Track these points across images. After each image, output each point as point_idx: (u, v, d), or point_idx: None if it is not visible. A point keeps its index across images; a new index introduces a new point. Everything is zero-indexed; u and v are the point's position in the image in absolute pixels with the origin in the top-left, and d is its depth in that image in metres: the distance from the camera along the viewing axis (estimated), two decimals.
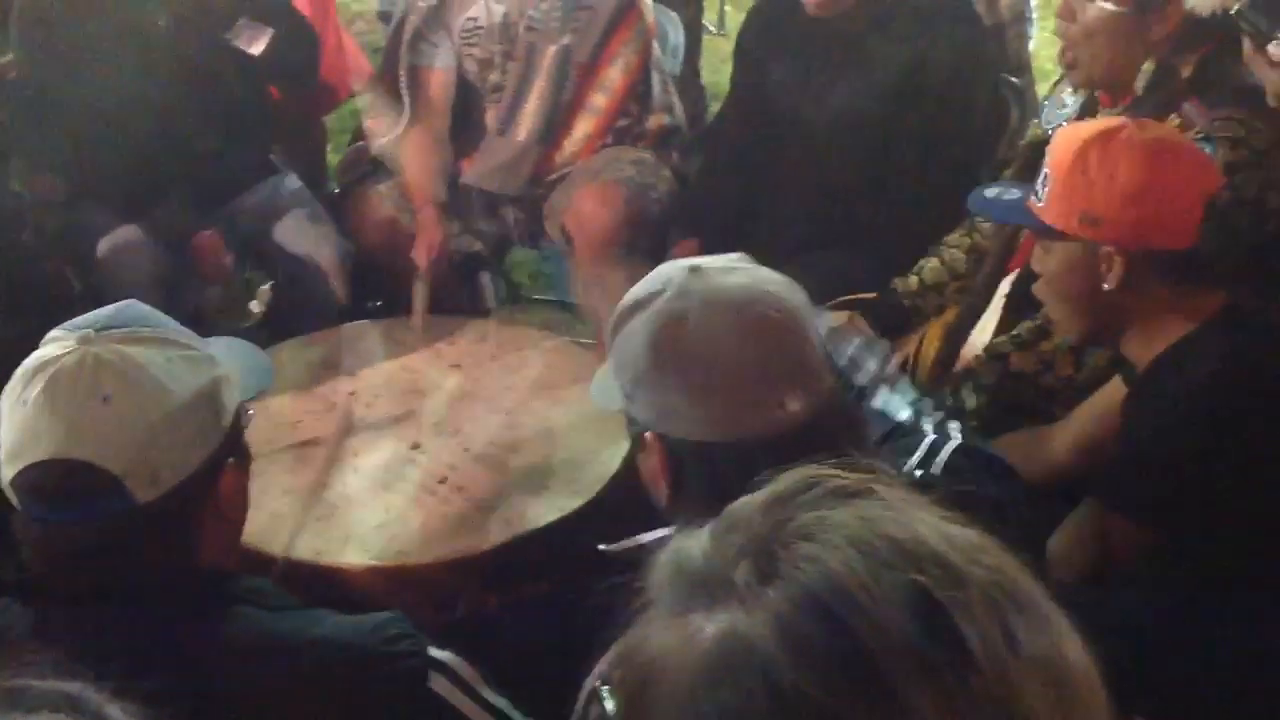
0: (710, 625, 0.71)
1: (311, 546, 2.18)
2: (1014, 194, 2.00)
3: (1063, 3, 2.33)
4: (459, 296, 3.16)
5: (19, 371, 1.33)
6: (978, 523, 0.76)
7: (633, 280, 3.08)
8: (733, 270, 1.46)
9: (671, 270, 1.47)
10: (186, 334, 1.42)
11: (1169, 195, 1.82)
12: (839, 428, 1.42)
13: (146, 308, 1.44)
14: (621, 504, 2.34)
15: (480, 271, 3.31)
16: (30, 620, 1.31)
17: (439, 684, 1.35)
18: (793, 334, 1.42)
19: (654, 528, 1.51)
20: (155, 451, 1.31)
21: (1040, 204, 1.89)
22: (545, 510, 2.25)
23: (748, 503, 0.77)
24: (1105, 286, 1.83)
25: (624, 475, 2.33)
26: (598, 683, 1.32)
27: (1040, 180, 1.90)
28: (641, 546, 1.49)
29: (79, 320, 1.39)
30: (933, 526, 0.73)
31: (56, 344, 1.34)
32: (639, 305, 1.46)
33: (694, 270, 1.45)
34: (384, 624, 1.36)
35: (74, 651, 0.85)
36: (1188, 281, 1.86)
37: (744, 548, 0.73)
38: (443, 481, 2.34)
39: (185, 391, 1.34)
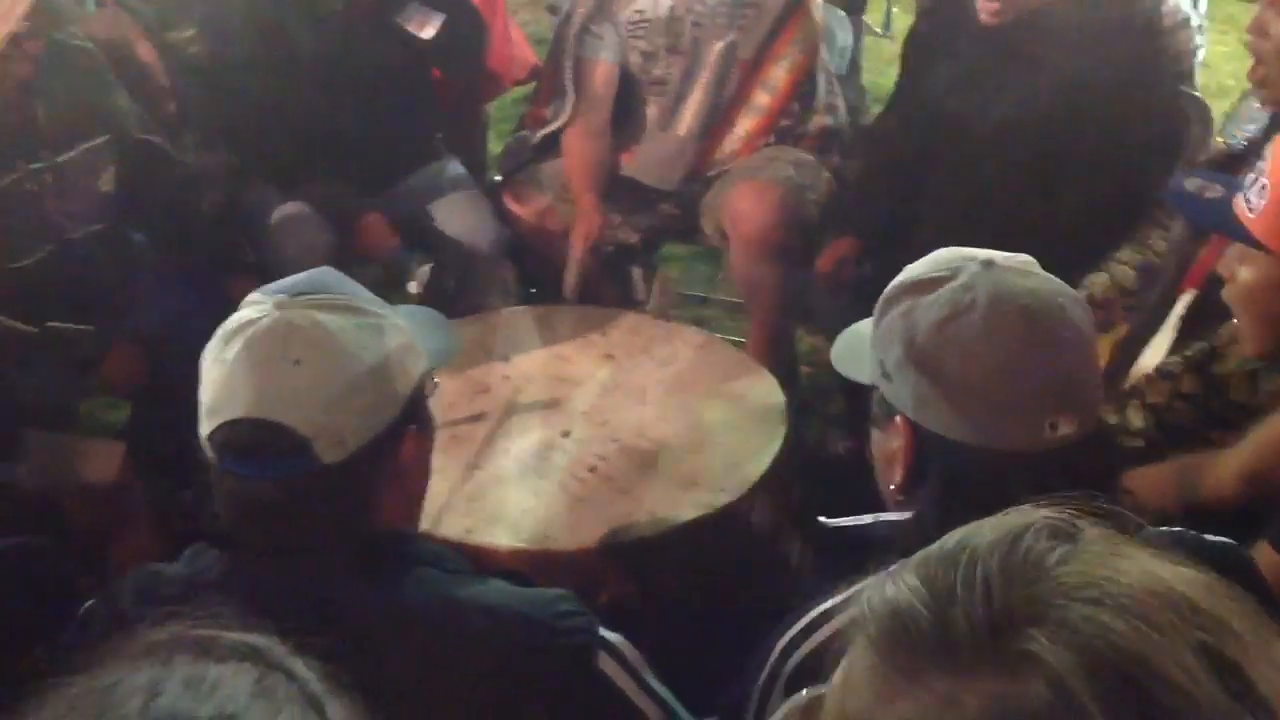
0: (971, 697, 0.67)
1: (461, 524, 2.21)
2: (1217, 190, 1.82)
3: (1255, 18, 2.25)
4: (610, 289, 3.18)
5: (219, 331, 1.38)
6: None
7: (787, 280, 3.07)
8: (1028, 274, 1.38)
9: (960, 257, 1.39)
10: (375, 301, 1.44)
11: None
12: (1098, 465, 1.34)
13: (338, 275, 1.47)
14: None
15: (631, 265, 3.33)
16: (222, 567, 1.35)
17: (606, 664, 1.36)
18: (1079, 353, 1.35)
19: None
20: (342, 416, 1.33)
21: (1251, 214, 1.72)
22: (691, 506, 2.25)
23: (975, 551, 0.71)
24: None
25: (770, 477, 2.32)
26: None
27: (1252, 185, 1.73)
28: (863, 526, 1.44)
29: (275, 285, 1.42)
30: (1187, 577, 0.70)
31: (254, 307, 1.38)
32: (920, 286, 1.37)
33: (987, 264, 1.36)
34: (558, 599, 1.37)
35: (259, 602, 0.87)
36: None
37: (988, 608, 0.68)
38: (592, 470, 2.35)
39: (371, 358, 1.36)
